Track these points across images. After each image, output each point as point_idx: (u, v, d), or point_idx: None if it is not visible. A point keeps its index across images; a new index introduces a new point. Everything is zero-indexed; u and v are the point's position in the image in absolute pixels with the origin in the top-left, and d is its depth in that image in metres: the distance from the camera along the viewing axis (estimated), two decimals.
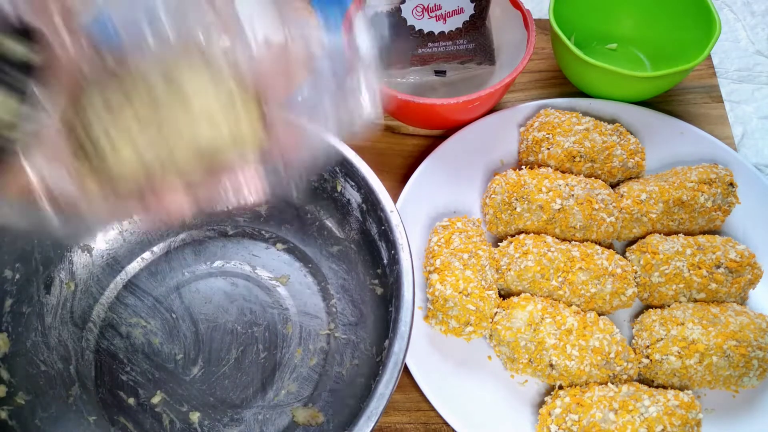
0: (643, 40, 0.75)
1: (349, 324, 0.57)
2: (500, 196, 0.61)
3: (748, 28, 0.84)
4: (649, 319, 0.56)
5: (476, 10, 0.67)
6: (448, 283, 0.54)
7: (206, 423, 0.53)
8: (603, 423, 0.49)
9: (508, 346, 0.54)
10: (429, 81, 0.73)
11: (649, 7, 0.73)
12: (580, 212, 0.59)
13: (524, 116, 0.69)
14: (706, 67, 0.76)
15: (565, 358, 0.52)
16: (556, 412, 0.51)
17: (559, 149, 0.63)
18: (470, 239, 0.58)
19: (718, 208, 0.61)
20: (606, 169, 0.64)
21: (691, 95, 0.74)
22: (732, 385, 0.53)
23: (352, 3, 0.60)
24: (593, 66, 0.64)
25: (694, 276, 0.57)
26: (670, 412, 0.49)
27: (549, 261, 0.57)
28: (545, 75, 0.76)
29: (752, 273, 0.57)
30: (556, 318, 0.54)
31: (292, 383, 0.54)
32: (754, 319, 0.54)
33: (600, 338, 0.53)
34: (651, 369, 0.54)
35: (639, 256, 0.59)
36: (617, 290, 0.57)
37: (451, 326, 0.55)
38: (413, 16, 0.66)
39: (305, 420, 0.53)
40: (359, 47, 0.34)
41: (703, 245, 0.58)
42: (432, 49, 0.68)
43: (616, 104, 0.69)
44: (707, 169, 0.61)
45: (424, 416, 0.55)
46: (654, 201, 0.60)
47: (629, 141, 0.65)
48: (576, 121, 0.64)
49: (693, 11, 0.69)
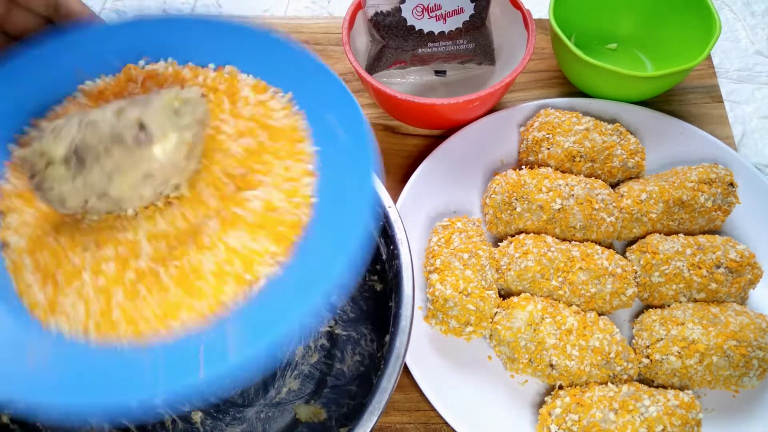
0: (644, 40, 0.75)
1: (349, 320, 0.57)
2: (500, 196, 0.61)
3: (748, 28, 0.84)
4: (650, 319, 0.56)
5: (476, 10, 0.67)
6: (448, 283, 0.54)
7: (208, 422, 0.53)
8: (603, 423, 0.49)
9: (508, 346, 0.54)
10: (429, 81, 0.73)
11: (650, 7, 0.73)
12: (580, 212, 0.59)
13: (524, 116, 0.69)
14: (706, 67, 0.76)
15: (565, 358, 0.53)
16: (556, 412, 0.51)
17: (559, 149, 0.63)
18: (470, 239, 0.58)
19: (718, 208, 0.61)
20: (606, 169, 0.64)
21: (691, 95, 0.74)
22: (732, 385, 0.53)
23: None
24: (593, 66, 0.64)
25: (694, 276, 0.57)
26: (670, 412, 0.49)
27: (549, 261, 0.57)
28: (545, 75, 0.76)
29: (752, 273, 0.57)
30: (556, 318, 0.54)
31: (294, 381, 0.55)
32: (754, 319, 0.54)
33: (600, 338, 0.53)
34: (651, 369, 0.54)
35: (639, 256, 0.59)
36: (617, 290, 0.57)
37: (451, 326, 0.55)
38: (413, 15, 0.66)
39: (308, 417, 0.53)
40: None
41: (703, 245, 0.58)
42: (432, 49, 0.68)
43: (616, 104, 0.69)
44: (707, 169, 0.62)
45: (424, 416, 0.55)
46: (654, 201, 0.60)
47: (629, 141, 0.65)
48: (576, 121, 0.64)
49: (693, 11, 0.69)
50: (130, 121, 0.33)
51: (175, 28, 0.41)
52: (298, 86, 0.39)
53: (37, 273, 0.34)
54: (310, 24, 0.81)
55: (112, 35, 0.41)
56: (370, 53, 0.70)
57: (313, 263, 0.33)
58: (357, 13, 0.67)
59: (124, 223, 0.35)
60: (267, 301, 0.32)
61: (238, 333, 0.31)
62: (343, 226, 0.33)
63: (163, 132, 0.33)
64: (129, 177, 0.33)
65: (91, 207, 0.33)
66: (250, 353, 0.30)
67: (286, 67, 0.39)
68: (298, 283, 0.33)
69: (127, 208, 0.34)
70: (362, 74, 0.63)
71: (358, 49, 0.69)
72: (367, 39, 0.70)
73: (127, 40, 0.41)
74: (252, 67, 0.40)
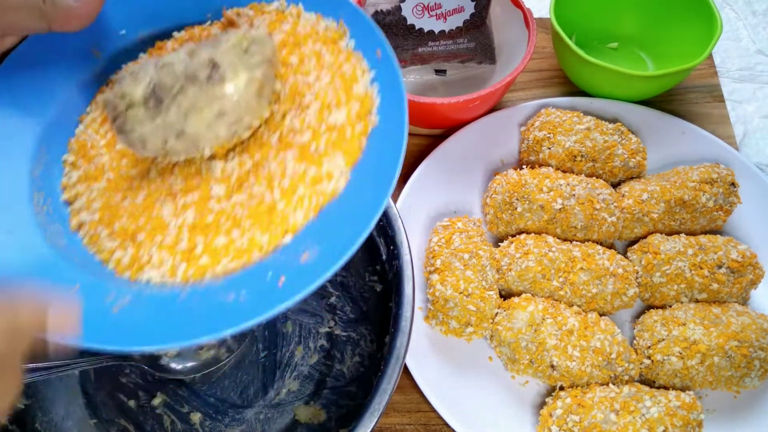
0: (645, 40, 0.75)
1: (349, 321, 0.56)
2: (501, 196, 0.60)
3: (750, 28, 0.83)
4: (651, 319, 0.56)
5: (477, 9, 0.66)
6: (448, 284, 0.54)
7: (207, 423, 0.52)
8: (604, 424, 0.49)
9: (509, 346, 0.54)
10: (429, 80, 0.73)
11: (651, 7, 0.73)
12: (582, 212, 0.59)
13: (525, 115, 0.69)
14: (708, 67, 0.76)
15: (566, 359, 0.52)
16: (557, 413, 0.51)
17: (560, 149, 0.63)
18: (471, 239, 0.58)
19: (719, 208, 0.60)
20: (607, 168, 0.64)
21: (692, 95, 0.74)
22: (733, 385, 0.53)
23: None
24: (594, 65, 0.64)
25: (696, 276, 0.56)
26: (672, 412, 0.49)
27: (550, 261, 0.57)
28: (546, 74, 0.76)
29: (754, 273, 0.57)
30: (557, 318, 0.54)
31: (293, 382, 0.54)
32: (756, 319, 0.54)
33: (601, 339, 0.53)
34: (652, 369, 0.54)
35: (640, 256, 0.59)
36: (618, 290, 0.56)
37: (451, 327, 0.55)
38: (413, 14, 0.66)
39: (307, 418, 0.53)
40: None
41: (704, 245, 0.58)
42: (432, 48, 0.68)
43: (618, 103, 0.69)
44: (709, 168, 0.61)
45: (425, 417, 0.55)
46: (655, 201, 0.60)
47: (630, 140, 0.64)
48: (577, 120, 0.64)
49: (694, 10, 0.69)
50: (202, 60, 0.34)
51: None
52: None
53: (116, 238, 0.35)
54: None
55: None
56: None
57: (366, 188, 0.35)
58: None
59: (201, 166, 0.36)
60: (334, 218, 0.34)
61: (312, 249, 0.33)
62: (386, 159, 0.35)
63: (234, 70, 0.34)
64: (204, 115, 0.34)
65: (170, 147, 0.35)
66: (327, 266, 0.31)
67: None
68: (356, 205, 0.34)
69: (204, 148, 0.35)
70: None
71: None
72: None
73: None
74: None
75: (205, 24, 0.42)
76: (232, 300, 0.32)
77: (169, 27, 0.42)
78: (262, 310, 0.30)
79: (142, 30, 0.42)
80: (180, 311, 0.32)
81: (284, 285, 0.32)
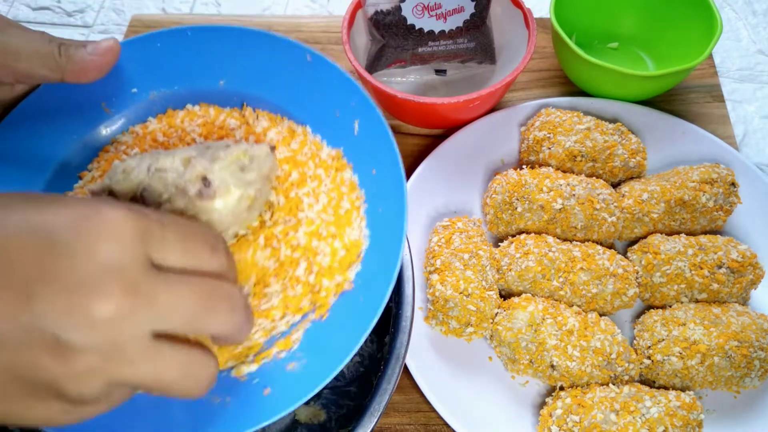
0: (645, 39, 0.75)
1: None
2: (501, 196, 0.60)
3: (750, 28, 0.83)
4: (651, 319, 0.56)
5: (477, 9, 0.66)
6: (448, 284, 0.54)
7: None
8: (604, 424, 0.49)
9: (509, 346, 0.54)
10: (429, 80, 0.73)
11: (651, 6, 0.73)
12: (582, 212, 0.59)
13: (525, 115, 0.69)
14: (708, 67, 0.76)
15: (566, 359, 0.52)
16: (557, 413, 0.51)
17: (560, 149, 0.63)
18: (471, 239, 0.58)
19: (719, 208, 0.60)
20: (607, 168, 0.64)
21: (692, 94, 0.74)
22: (733, 385, 0.53)
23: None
24: (594, 65, 0.64)
25: (696, 276, 0.56)
26: (672, 413, 0.49)
27: (550, 261, 0.57)
28: (546, 74, 0.76)
29: (754, 273, 0.57)
30: (557, 318, 0.54)
31: None
32: (756, 319, 0.54)
33: (601, 339, 0.53)
34: (652, 370, 0.54)
35: (640, 256, 0.59)
36: (619, 290, 0.56)
37: (451, 327, 0.55)
38: (413, 14, 0.66)
39: (307, 418, 0.52)
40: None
41: (704, 245, 0.58)
42: (432, 48, 0.68)
43: (618, 103, 0.69)
44: (709, 168, 0.61)
45: (425, 417, 0.55)
46: (655, 201, 0.60)
47: (630, 140, 0.64)
48: (577, 120, 0.64)
49: (694, 10, 0.69)
50: (195, 174, 0.34)
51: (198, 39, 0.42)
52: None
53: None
54: (310, 23, 0.81)
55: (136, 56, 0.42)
56: (370, 52, 0.69)
57: (349, 317, 0.36)
58: (357, 12, 0.67)
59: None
60: (333, 323, 0.36)
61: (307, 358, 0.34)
62: (386, 256, 0.36)
63: (226, 188, 0.34)
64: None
65: None
66: (321, 375, 0.33)
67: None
68: (341, 327, 0.36)
69: None
70: (362, 73, 0.63)
71: (357, 48, 0.68)
72: (367, 38, 0.69)
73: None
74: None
75: (225, 108, 0.42)
76: (218, 403, 0.33)
77: (180, 90, 0.42)
78: (249, 421, 0.31)
79: (153, 89, 0.42)
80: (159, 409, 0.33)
81: (269, 395, 0.32)
